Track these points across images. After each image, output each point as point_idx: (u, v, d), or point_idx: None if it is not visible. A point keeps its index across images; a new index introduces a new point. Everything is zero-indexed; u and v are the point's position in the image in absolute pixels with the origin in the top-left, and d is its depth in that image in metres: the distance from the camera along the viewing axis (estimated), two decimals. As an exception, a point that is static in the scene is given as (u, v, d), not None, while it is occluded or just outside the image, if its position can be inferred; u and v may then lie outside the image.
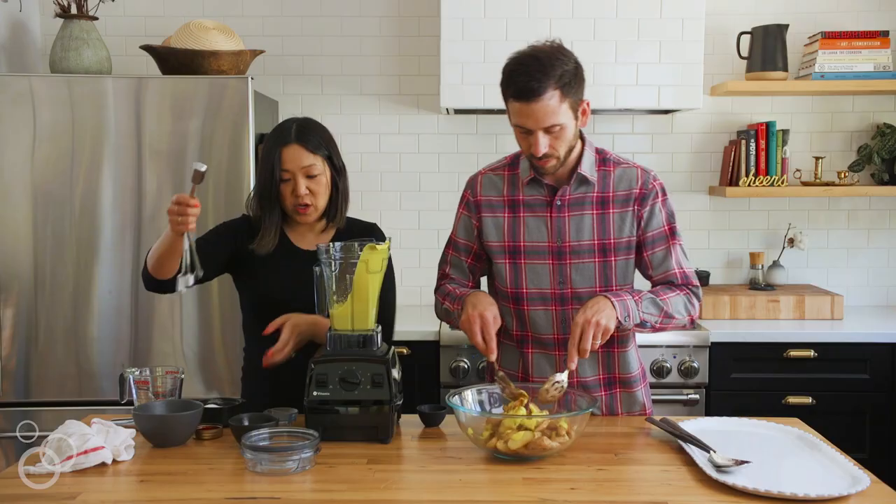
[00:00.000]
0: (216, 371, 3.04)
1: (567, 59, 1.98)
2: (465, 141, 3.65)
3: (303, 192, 2.15)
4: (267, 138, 2.22)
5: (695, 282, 2.12)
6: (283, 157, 2.15)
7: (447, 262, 2.26)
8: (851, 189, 3.47)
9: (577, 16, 3.23)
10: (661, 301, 2.04)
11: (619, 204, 2.10)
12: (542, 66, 1.93)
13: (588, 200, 2.10)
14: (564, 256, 2.10)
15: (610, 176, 2.11)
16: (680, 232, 2.15)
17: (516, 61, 1.97)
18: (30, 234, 2.99)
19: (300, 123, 2.21)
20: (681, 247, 2.13)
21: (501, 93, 2.01)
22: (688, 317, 2.09)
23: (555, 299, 2.12)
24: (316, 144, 2.18)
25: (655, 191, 2.11)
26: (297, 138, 2.16)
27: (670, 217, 2.13)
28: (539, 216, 2.12)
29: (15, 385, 3.02)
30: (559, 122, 1.96)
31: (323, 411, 1.91)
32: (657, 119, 3.64)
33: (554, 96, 1.93)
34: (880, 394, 3.12)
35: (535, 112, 1.94)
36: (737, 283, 3.69)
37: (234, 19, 3.58)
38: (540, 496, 1.62)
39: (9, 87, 2.97)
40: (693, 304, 2.10)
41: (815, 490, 1.59)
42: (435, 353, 3.11)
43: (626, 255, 2.11)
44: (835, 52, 3.39)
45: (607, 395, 2.17)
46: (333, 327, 1.98)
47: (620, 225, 2.10)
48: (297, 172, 2.15)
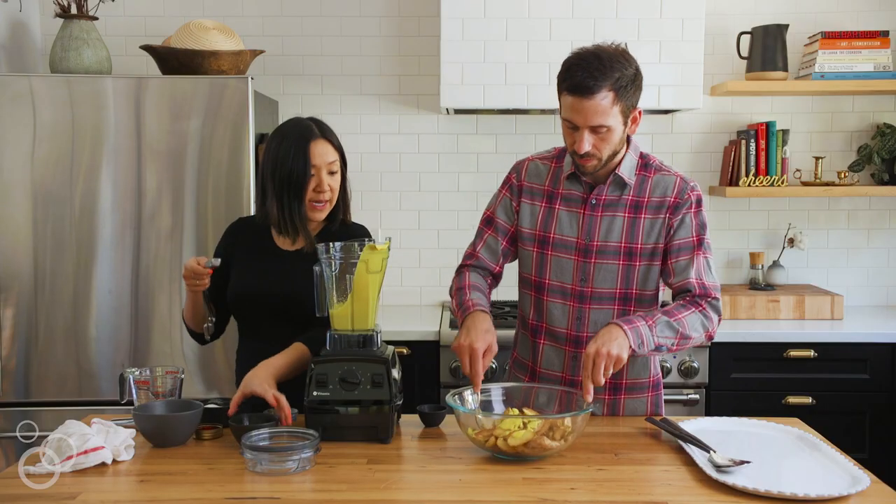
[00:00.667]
0: (216, 371, 3.04)
1: (628, 63, 1.96)
2: (465, 141, 3.65)
3: (326, 187, 2.18)
4: (283, 136, 2.19)
5: (714, 294, 2.05)
6: (312, 153, 2.16)
7: (482, 240, 2.21)
8: (851, 189, 3.47)
9: (577, 16, 3.23)
10: (677, 322, 1.97)
11: (652, 210, 2.08)
12: (602, 65, 1.92)
13: (622, 203, 2.09)
14: (590, 255, 2.09)
15: (648, 181, 2.10)
16: (709, 246, 2.09)
17: (578, 56, 1.96)
18: (30, 234, 2.99)
19: (318, 121, 2.23)
20: (706, 259, 2.07)
21: (557, 85, 2.00)
22: (705, 334, 2.03)
23: (574, 295, 2.11)
24: (337, 142, 2.22)
25: (690, 201, 2.08)
26: (322, 134, 2.19)
27: (701, 228, 2.08)
28: (573, 211, 2.11)
29: (15, 385, 3.02)
30: (607, 123, 1.95)
31: (323, 411, 1.91)
32: (657, 119, 3.64)
33: (607, 97, 1.92)
34: (880, 394, 3.12)
35: (585, 109, 1.94)
36: (737, 283, 3.69)
37: (234, 19, 3.58)
38: (540, 496, 1.62)
39: (9, 87, 2.97)
40: (711, 319, 2.03)
41: (815, 490, 1.59)
42: (435, 353, 3.11)
43: (650, 261, 2.09)
44: (835, 52, 3.39)
45: (610, 400, 2.16)
46: (333, 327, 1.98)
47: (650, 231, 2.08)
48: (323, 168, 2.17)
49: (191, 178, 2.99)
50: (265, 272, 2.22)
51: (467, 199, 3.63)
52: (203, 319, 2.23)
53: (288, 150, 2.16)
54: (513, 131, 3.62)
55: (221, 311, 2.29)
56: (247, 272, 2.24)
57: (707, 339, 2.06)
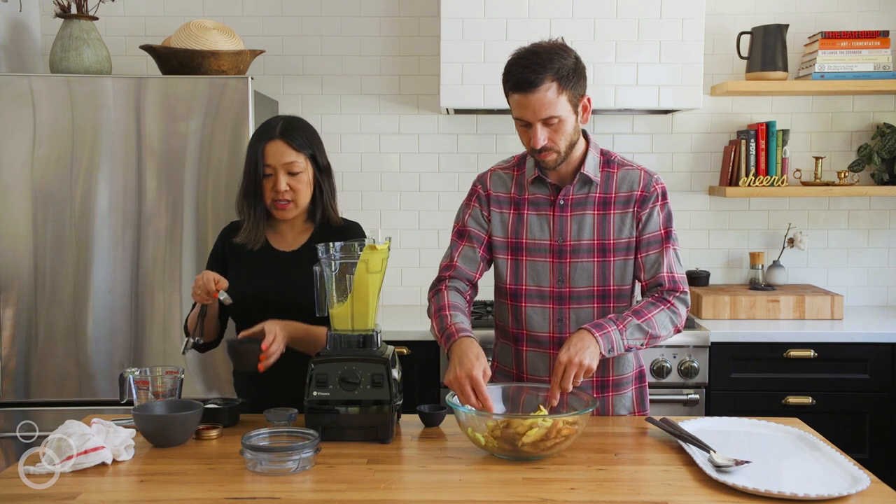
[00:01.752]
0: (216, 371, 3.04)
1: (566, 53, 2.00)
2: (465, 141, 3.65)
3: (282, 187, 2.19)
4: (253, 134, 2.27)
5: (683, 287, 2.11)
6: (266, 152, 2.19)
7: (458, 251, 2.20)
8: (851, 189, 3.47)
9: (577, 16, 3.23)
10: (646, 323, 2.02)
11: (621, 205, 2.11)
12: (541, 58, 1.96)
13: (590, 201, 2.11)
14: (565, 255, 2.11)
15: (613, 177, 2.12)
16: (676, 237, 2.14)
17: (516, 55, 2.01)
18: (30, 234, 2.99)
19: (286, 121, 2.25)
20: (674, 251, 2.13)
21: (503, 88, 2.03)
22: (673, 329, 2.09)
23: (553, 297, 2.13)
24: (300, 143, 2.21)
25: (656, 194, 2.11)
26: (281, 135, 2.20)
27: (667, 221, 2.12)
28: (542, 214, 2.13)
29: (15, 385, 3.02)
30: (557, 114, 1.98)
31: (323, 411, 1.91)
32: (657, 119, 3.64)
33: (551, 88, 1.95)
34: (880, 394, 3.12)
35: (532, 103, 1.97)
36: (737, 283, 3.69)
37: (234, 19, 3.58)
38: (540, 496, 1.62)
39: (9, 87, 2.97)
40: (679, 314, 2.08)
41: (815, 490, 1.59)
42: (435, 353, 3.11)
43: (625, 255, 2.12)
44: (835, 52, 3.39)
45: (599, 398, 2.17)
46: (333, 327, 1.98)
47: (620, 226, 2.10)
48: (279, 168, 2.19)
49: (190, 179, 2.99)
50: (262, 274, 2.22)
51: (467, 199, 3.62)
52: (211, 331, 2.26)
53: (249, 150, 2.24)
54: (513, 131, 3.56)
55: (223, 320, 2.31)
56: (243, 274, 2.24)
57: (675, 333, 2.11)
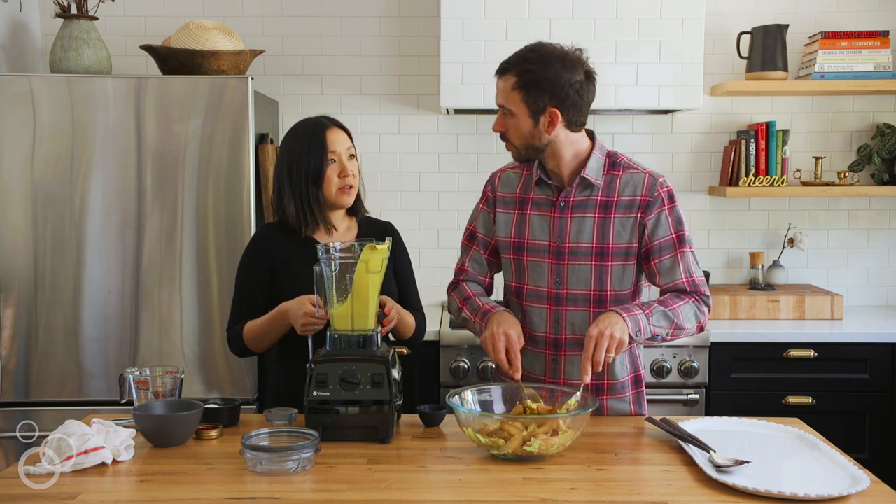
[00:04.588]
0: (216, 371, 3.04)
1: (555, 68, 1.97)
2: (465, 141, 3.65)
3: (352, 171, 2.22)
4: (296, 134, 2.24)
5: (704, 290, 2.09)
6: (330, 139, 2.21)
7: (468, 255, 2.26)
8: (851, 189, 3.47)
9: (577, 16, 3.23)
10: (672, 312, 2.01)
11: (623, 209, 2.08)
12: (525, 56, 2.01)
13: (591, 203, 2.10)
14: (563, 257, 2.11)
15: (616, 180, 2.10)
16: (691, 239, 2.11)
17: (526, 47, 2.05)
18: (30, 234, 2.99)
19: (326, 116, 2.29)
20: (691, 254, 2.09)
21: None
22: (697, 325, 2.07)
23: (550, 298, 2.13)
24: (349, 132, 2.29)
25: (661, 198, 2.08)
26: (334, 123, 2.26)
27: (678, 224, 2.09)
28: (543, 215, 2.13)
29: (15, 385, 3.02)
30: (507, 105, 2.03)
31: (323, 411, 1.91)
32: (657, 119, 3.64)
33: (510, 81, 2.01)
34: (880, 394, 3.12)
35: (497, 87, 2.06)
36: (737, 283, 3.69)
37: (234, 19, 3.58)
38: (540, 496, 1.62)
39: (9, 87, 2.97)
40: (703, 311, 2.07)
41: (815, 490, 1.59)
42: (435, 353, 3.11)
43: (624, 261, 2.10)
44: (835, 52, 3.39)
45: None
46: (333, 327, 1.98)
47: (620, 231, 2.08)
48: (343, 153, 2.22)
49: (191, 179, 2.99)
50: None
51: (467, 199, 3.61)
52: (268, 346, 2.23)
53: (304, 144, 2.21)
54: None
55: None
56: (305, 279, 2.12)
57: (698, 331, 2.10)
